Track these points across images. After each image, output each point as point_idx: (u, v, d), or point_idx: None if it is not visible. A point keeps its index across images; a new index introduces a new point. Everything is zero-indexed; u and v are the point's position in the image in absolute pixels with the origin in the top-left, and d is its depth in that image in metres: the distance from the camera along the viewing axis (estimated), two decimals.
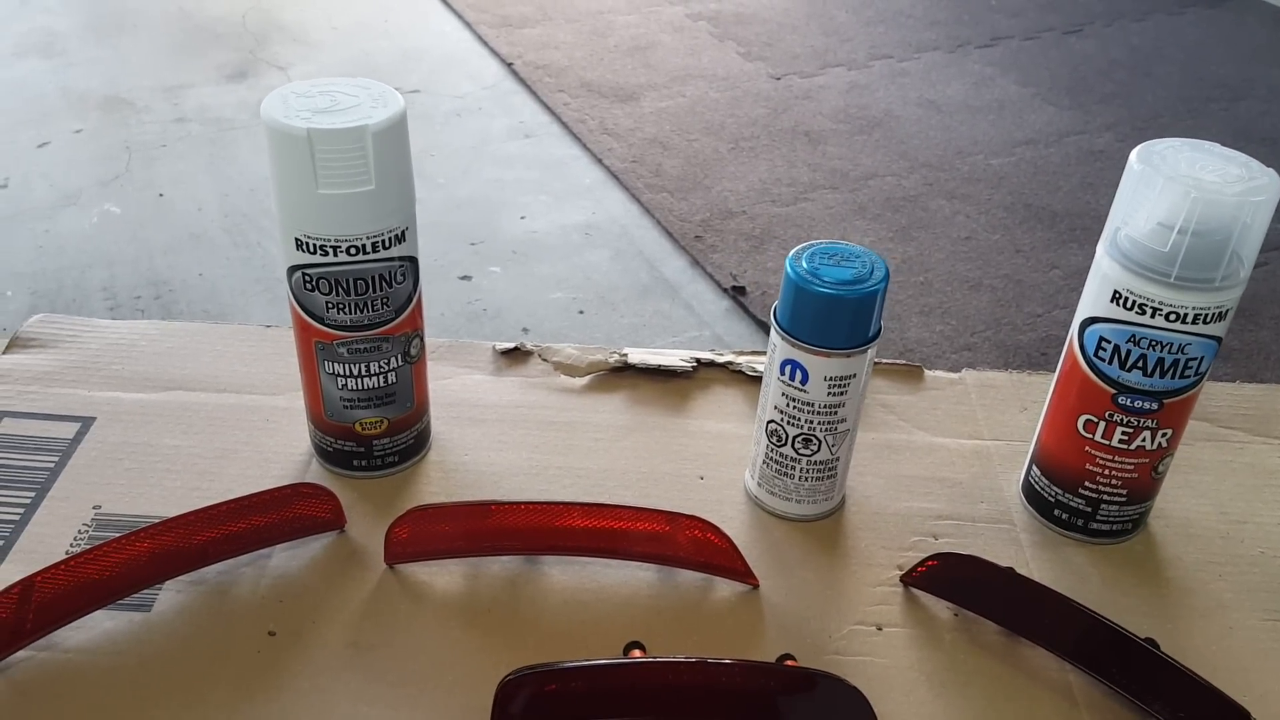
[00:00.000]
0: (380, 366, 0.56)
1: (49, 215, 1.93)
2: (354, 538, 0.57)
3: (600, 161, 2.14)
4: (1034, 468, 0.60)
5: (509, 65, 2.49)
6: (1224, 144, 0.54)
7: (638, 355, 0.71)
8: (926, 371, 0.72)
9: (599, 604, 0.55)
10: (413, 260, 0.55)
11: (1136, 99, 2.45)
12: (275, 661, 0.51)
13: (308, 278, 0.53)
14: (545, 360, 0.71)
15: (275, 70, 2.44)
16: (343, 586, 0.54)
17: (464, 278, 1.79)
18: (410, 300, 0.56)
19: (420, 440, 0.61)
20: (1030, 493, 0.60)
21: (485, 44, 2.60)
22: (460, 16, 2.73)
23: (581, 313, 1.73)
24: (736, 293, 1.48)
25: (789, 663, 0.51)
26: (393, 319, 0.55)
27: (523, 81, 2.42)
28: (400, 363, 0.57)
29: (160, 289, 1.76)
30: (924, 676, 0.52)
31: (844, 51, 2.63)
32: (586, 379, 0.70)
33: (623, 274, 1.83)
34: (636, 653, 0.51)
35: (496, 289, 1.77)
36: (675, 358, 0.71)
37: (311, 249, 0.52)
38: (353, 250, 0.52)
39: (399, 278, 0.54)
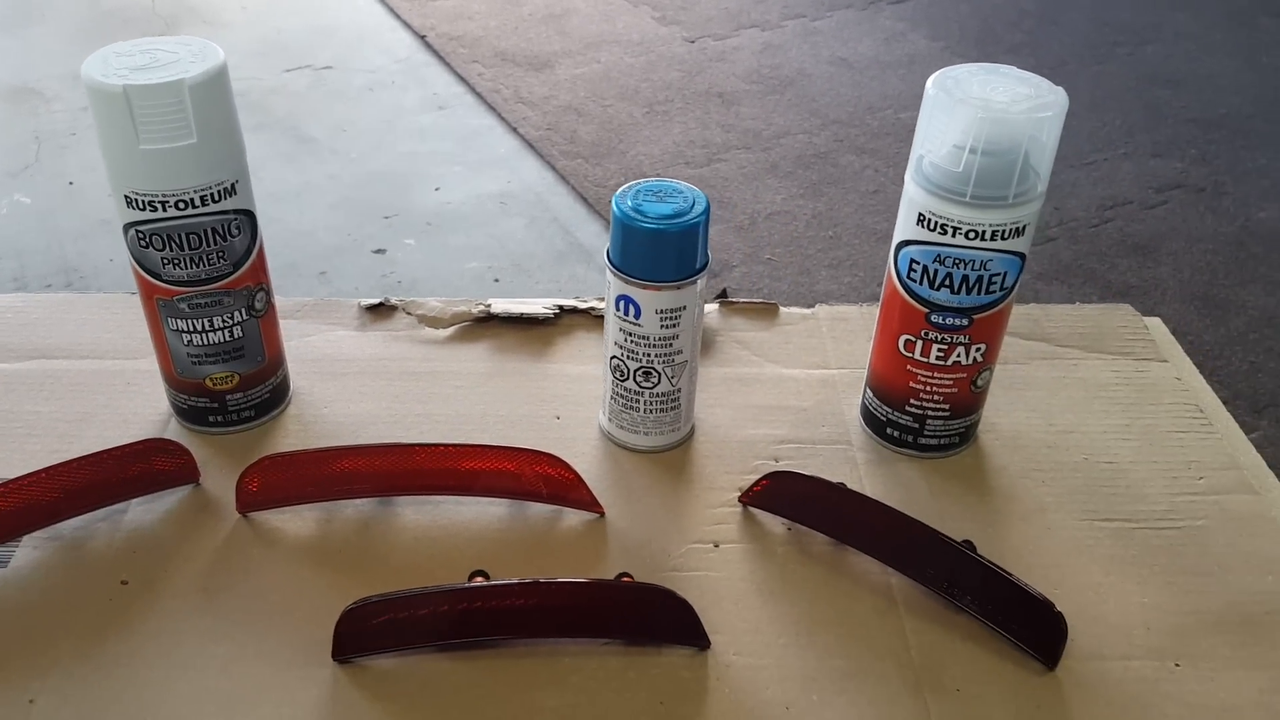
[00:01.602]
0: (224, 321, 0.58)
1: None
2: (209, 490, 0.59)
3: (515, 130, 2.14)
4: (868, 390, 0.63)
5: (422, 38, 2.48)
6: (1130, 87, 0.56)
7: (501, 305, 0.73)
8: (782, 308, 0.74)
9: (448, 539, 0.57)
10: (248, 213, 0.57)
11: (1044, 48, 2.49)
12: (127, 608, 0.52)
13: (141, 235, 0.54)
14: (409, 314, 0.73)
15: None
16: (196, 536, 0.56)
17: (378, 251, 1.79)
18: (249, 253, 0.57)
19: (277, 395, 0.63)
20: (866, 414, 0.63)
21: (398, 17, 2.59)
22: None
23: (497, 281, 1.75)
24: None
25: (624, 579, 0.53)
26: (231, 273, 0.57)
27: (436, 53, 2.42)
28: (245, 316, 0.59)
29: (71, 276, 1.75)
30: (754, 586, 0.54)
31: (758, 12, 2.65)
32: (451, 330, 0.72)
33: (538, 241, 1.84)
34: (479, 580, 0.53)
35: (411, 262, 1.78)
36: (538, 305, 0.73)
37: (141, 205, 0.53)
38: (181, 205, 0.53)
39: (234, 230, 0.56)
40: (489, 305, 0.73)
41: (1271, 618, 0.53)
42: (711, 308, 0.74)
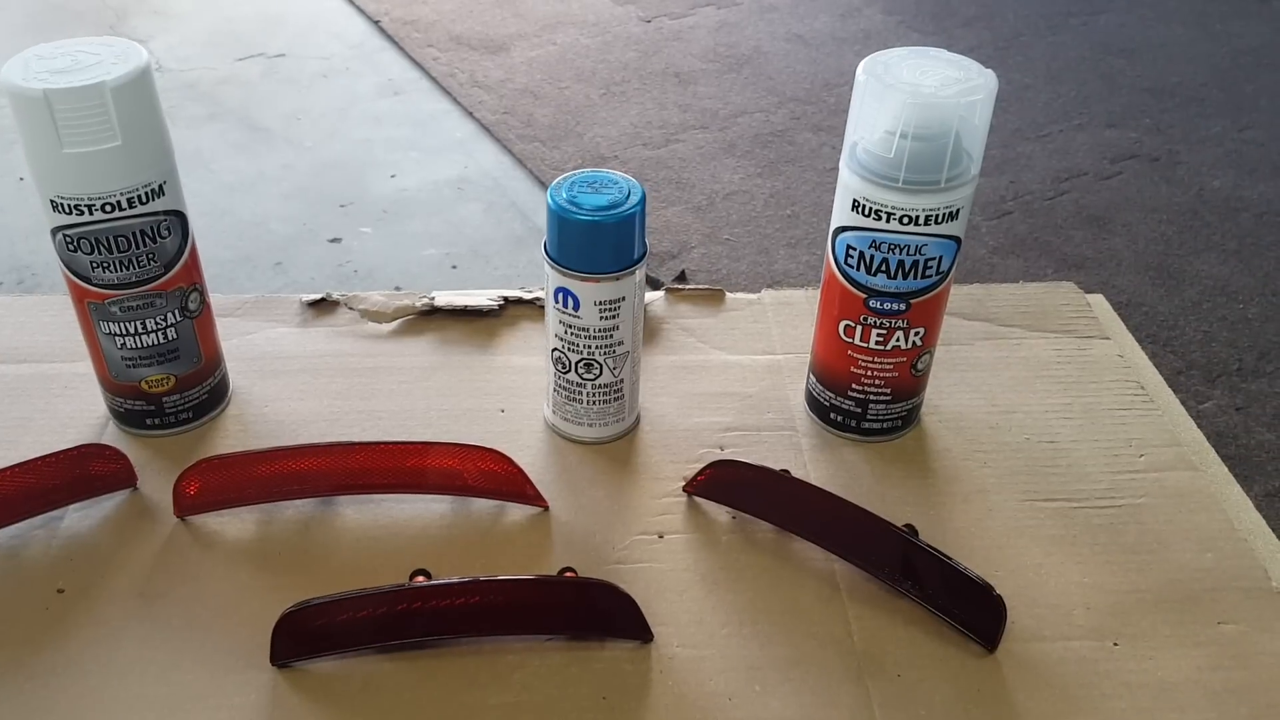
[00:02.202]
0: (157, 323, 0.57)
1: None
2: (147, 495, 0.58)
3: (471, 115, 2.13)
4: (811, 375, 0.63)
5: (376, 23, 2.46)
6: (1085, 57, 0.56)
7: (445, 297, 0.72)
8: (728, 294, 0.74)
9: (390, 538, 0.56)
10: (178, 214, 0.56)
11: (999, 20, 2.49)
12: (63, 616, 0.51)
13: (69, 239, 0.54)
14: (352, 309, 0.72)
15: (135, 41, 2.37)
16: (133, 542, 0.55)
17: (334, 240, 1.78)
18: (181, 254, 0.56)
19: (216, 395, 0.62)
20: (810, 400, 0.63)
21: (351, 2, 2.56)
22: None
23: (455, 267, 1.74)
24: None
25: (568, 574, 0.53)
26: (163, 274, 0.56)
27: (390, 39, 2.39)
28: (179, 318, 0.58)
29: (23, 274, 1.73)
30: (699, 576, 0.54)
31: None
32: (394, 324, 0.71)
33: (496, 226, 1.83)
34: (420, 579, 0.53)
35: (367, 249, 1.76)
36: (483, 297, 0.73)
37: (67, 209, 0.52)
38: (108, 208, 0.53)
39: (163, 232, 0.55)
40: (432, 298, 0.72)
41: (1210, 594, 0.54)
42: (657, 295, 0.74)
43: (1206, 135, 2.11)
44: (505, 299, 0.73)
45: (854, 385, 0.60)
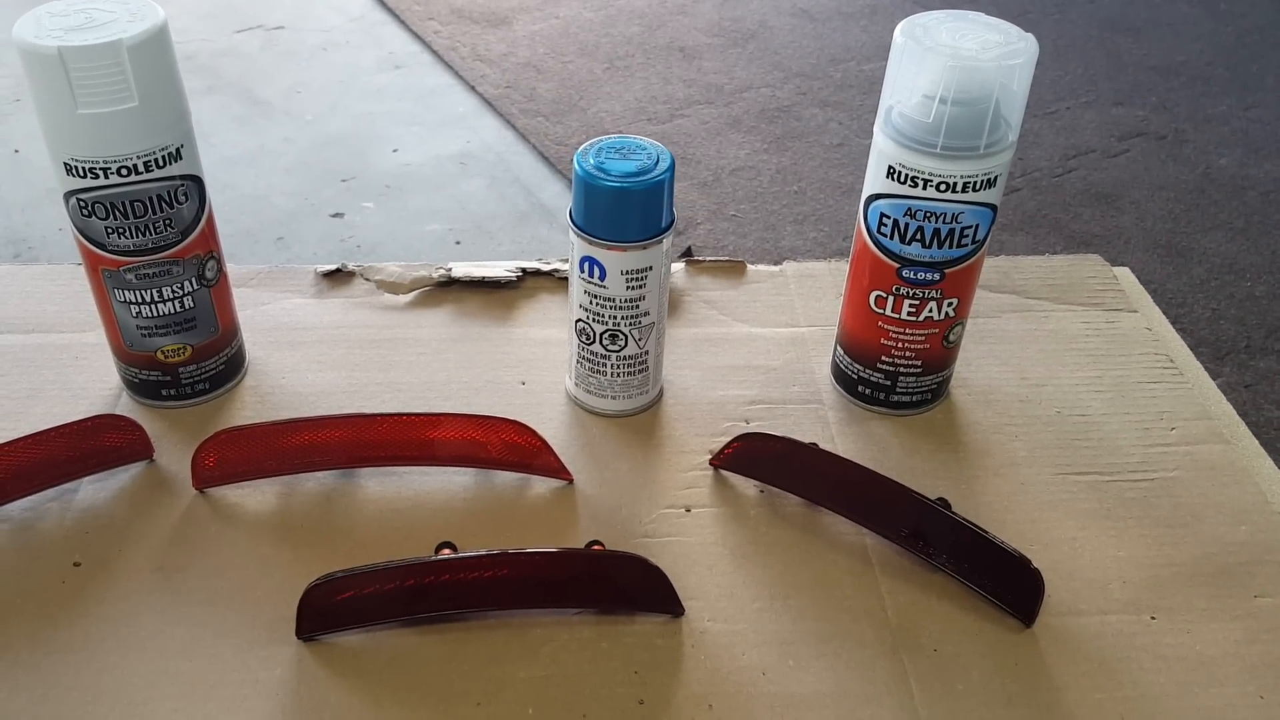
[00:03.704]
0: (174, 291, 0.56)
1: None
2: (164, 466, 0.57)
3: (474, 89, 2.11)
4: (838, 348, 0.62)
5: None
6: (1092, 35, 0.55)
7: (462, 268, 0.71)
8: (749, 266, 0.73)
9: (413, 510, 0.55)
10: (195, 179, 0.54)
11: None
12: (80, 590, 0.50)
13: (83, 203, 0.52)
14: (368, 279, 0.71)
15: None
16: (151, 514, 0.54)
17: (336, 215, 1.76)
18: (198, 221, 0.55)
19: (233, 366, 0.61)
20: (837, 372, 0.62)
21: None
22: None
23: (458, 243, 1.72)
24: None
25: (595, 547, 0.52)
26: (180, 241, 0.54)
27: (391, 11, 2.37)
28: (196, 286, 0.56)
29: (20, 247, 1.71)
30: (728, 550, 0.53)
31: None
32: (411, 295, 0.70)
33: (499, 202, 1.81)
34: (446, 552, 0.52)
35: (370, 225, 1.74)
36: (500, 268, 0.71)
37: (81, 173, 0.51)
38: (124, 171, 0.51)
39: (180, 197, 0.54)
40: (450, 269, 0.71)
41: (1245, 568, 0.53)
42: (678, 267, 0.72)
43: (1213, 114, 2.10)
44: (523, 270, 0.72)
45: (884, 357, 0.59)
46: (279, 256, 1.67)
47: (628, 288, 0.56)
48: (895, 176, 0.53)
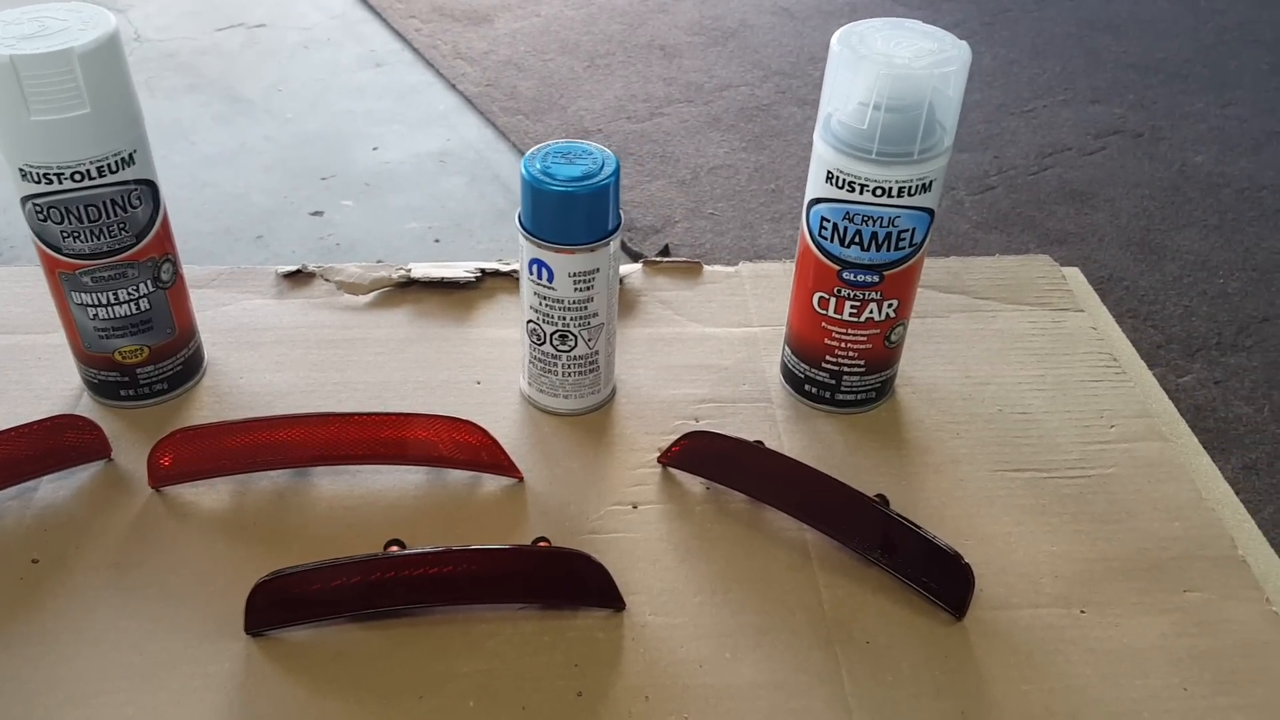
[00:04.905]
0: (130, 293, 0.57)
1: None
2: (121, 465, 0.58)
3: (454, 87, 2.12)
4: (786, 348, 0.63)
5: None
6: (1070, 33, 0.56)
7: (421, 269, 0.72)
8: (705, 267, 0.74)
9: (365, 508, 0.56)
10: (149, 183, 0.55)
11: None
12: (37, 585, 0.52)
13: (38, 208, 0.53)
14: (328, 280, 0.72)
15: (114, 12, 2.35)
16: (108, 512, 0.55)
17: (315, 213, 1.77)
18: (153, 224, 0.56)
19: (190, 367, 0.62)
20: (785, 371, 0.64)
21: None
22: None
23: (437, 241, 1.73)
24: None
25: (541, 544, 0.53)
26: (134, 244, 0.56)
27: (372, 9, 2.37)
28: (152, 288, 0.58)
29: (1, 245, 1.71)
30: (672, 546, 0.55)
31: None
32: (370, 296, 0.71)
33: (479, 200, 1.82)
34: (394, 549, 0.53)
35: (349, 223, 1.75)
36: (459, 269, 0.73)
37: (35, 178, 0.52)
38: (77, 176, 0.52)
39: (134, 202, 0.55)
40: (409, 270, 0.72)
41: (1177, 563, 0.54)
42: (634, 268, 0.74)
43: (1189, 111, 2.12)
44: (482, 271, 0.73)
45: (828, 357, 0.60)
46: (258, 255, 1.67)
47: (575, 289, 0.57)
48: (834, 181, 0.54)
